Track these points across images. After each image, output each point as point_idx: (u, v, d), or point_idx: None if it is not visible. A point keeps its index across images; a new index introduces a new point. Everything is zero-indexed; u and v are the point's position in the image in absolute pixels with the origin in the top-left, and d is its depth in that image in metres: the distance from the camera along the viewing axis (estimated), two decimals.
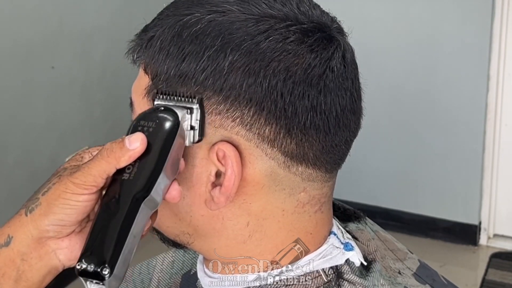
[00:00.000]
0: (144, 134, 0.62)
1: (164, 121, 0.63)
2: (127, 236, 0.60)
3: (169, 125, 0.62)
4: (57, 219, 0.63)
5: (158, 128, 0.63)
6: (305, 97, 0.62)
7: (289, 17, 0.63)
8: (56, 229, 0.63)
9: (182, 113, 0.63)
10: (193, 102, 0.63)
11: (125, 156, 0.61)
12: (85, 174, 0.62)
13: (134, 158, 0.62)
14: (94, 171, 0.61)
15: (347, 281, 0.68)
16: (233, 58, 0.61)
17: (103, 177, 0.62)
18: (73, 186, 0.62)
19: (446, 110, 2.75)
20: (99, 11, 2.58)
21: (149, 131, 0.63)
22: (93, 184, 0.61)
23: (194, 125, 0.63)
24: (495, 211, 2.87)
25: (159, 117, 0.63)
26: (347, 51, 0.66)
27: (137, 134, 0.62)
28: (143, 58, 0.66)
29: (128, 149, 0.61)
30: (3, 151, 2.26)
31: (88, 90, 2.58)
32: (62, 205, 0.62)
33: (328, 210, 0.71)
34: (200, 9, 0.64)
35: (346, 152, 0.69)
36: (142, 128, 0.63)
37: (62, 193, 0.62)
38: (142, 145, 0.61)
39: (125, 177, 0.62)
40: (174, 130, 0.62)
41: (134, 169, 0.62)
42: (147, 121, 0.63)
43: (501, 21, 2.62)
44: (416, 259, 0.79)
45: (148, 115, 0.63)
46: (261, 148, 0.63)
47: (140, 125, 0.63)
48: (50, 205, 0.63)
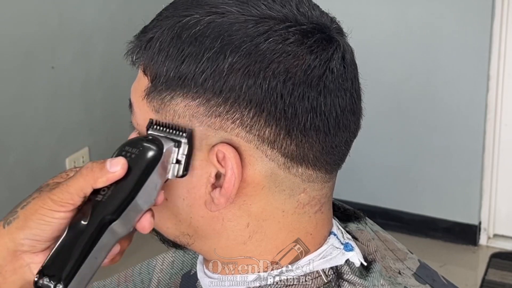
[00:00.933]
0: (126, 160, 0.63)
1: (147, 150, 0.63)
2: (87, 257, 0.61)
3: (151, 155, 0.63)
4: (32, 234, 0.63)
5: (140, 156, 0.63)
6: (305, 98, 0.62)
7: (289, 18, 0.63)
8: (31, 243, 0.64)
9: (168, 145, 0.63)
10: (181, 136, 0.63)
11: (103, 178, 0.62)
12: (63, 191, 0.62)
13: (111, 181, 0.62)
14: (71, 189, 0.62)
15: (347, 281, 0.68)
16: (233, 59, 0.61)
17: (80, 196, 0.62)
18: (50, 203, 0.62)
19: (446, 110, 2.75)
20: (99, 11, 2.58)
21: (131, 157, 0.63)
22: (70, 201, 0.62)
23: (180, 159, 0.64)
24: (495, 211, 2.87)
25: (144, 145, 0.64)
26: (347, 52, 0.66)
27: (119, 158, 0.63)
28: (142, 60, 0.66)
29: (108, 171, 0.62)
30: (3, 151, 2.26)
31: (88, 90, 2.58)
32: (38, 220, 0.63)
33: (328, 211, 0.71)
34: (199, 10, 0.64)
35: (346, 153, 0.69)
36: (125, 154, 0.64)
37: (39, 209, 0.63)
38: (122, 169, 0.62)
39: (99, 198, 0.63)
40: (155, 160, 0.63)
41: (109, 192, 0.63)
42: (132, 147, 0.64)
43: (501, 21, 2.62)
44: (416, 259, 0.79)
45: (134, 142, 0.64)
46: (261, 150, 0.63)
47: (124, 150, 0.64)
48: (26, 219, 0.63)
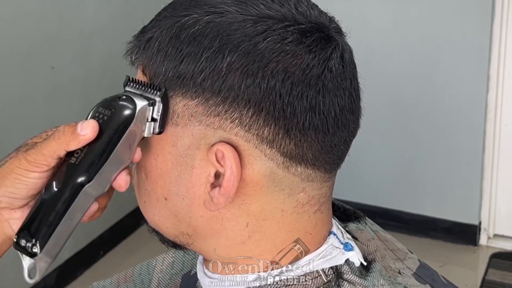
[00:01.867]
0: (98, 122, 0.63)
1: (120, 111, 0.63)
2: (62, 219, 0.63)
3: (123, 116, 0.63)
4: (9, 192, 0.66)
5: (112, 117, 0.64)
6: (304, 97, 0.62)
7: (287, 17, 0.63)
8: (8, 200, 0.67)
9: (142, 104, 0.63)
10: (155, 95, 0.63)
11: (75, 141, 0.63)
12: (37, 153, 0.64)
13: (83, 144, 0.63)
14: (45, 151, 0.64)
15: (347, 281, 0.68)
16: (231, 59, 0.61)
17: (54, 157, 0.64)
18: (25, 163, 0.65)
19: (446, 110, 2.75)
20: (99, 11, 2.58)
21: (103, 119, 0.64)
22: (44, 163, 0.64)
23: (155, 117, 0.64)
24: (495, 211, 2.87)
25: (116, 106, 0.64)
26: (346, 51, 0.66)
27: (90, 121, 0.64)
28: (141, 60, 0.66)
29: (79, 134, 0.63)
30: (3, 151, 2.25)
31: (88, 90, 2.58)
32: (13, 180, 0.66)
33: (327, 210, 0.71)
34: (198, 10, 0.64)
35: (345, 152, 0.69)
36: (98, 115, 0.64)
37: (15, 168, 0.66)
38: (93, 132, 0.63)
39: (72, 161, 0.64)
40: (127, 121, 0.63)
41: (82, 154, 0.64)
42: (105, 108, 0.64)
43: (501, 21, 2.62)
44: (416, 259, 0.79)
45: (107, 103, 0.64)
46: (260, 149, 0.63)
47: (98, 111, 0.64)
48: (3, 178, 0.66)
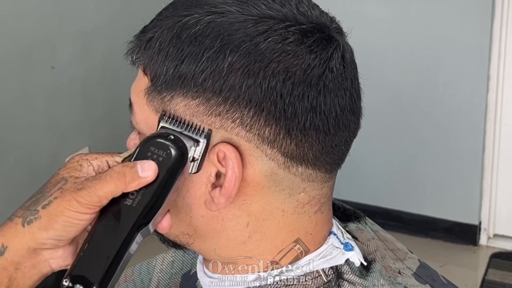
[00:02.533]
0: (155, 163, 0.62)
1: (174, 153, 0.63)
2: (120, 262, 0.61)
3: (178, 158, 0.63)
4: (57, 235, 0.63)
5: (168, 160, 0.62)
6: (305, 97, 0.62)
7: (288, 17, 0.63)
8: (54, 243, 0.63)
9: (189, 145, 0.63)
10: (201, 136, 0.63)
11: (135, 182, 0.62)
12: (91, 194, 0.61)
13: (142, 186, 0.62)
14: (100, 192, 0.61)
15: (347, 281, 0.68)
16: (232, 59, 0.61)
17: (109, 199, 0.62)
18: (77, 205, 0.61)
19: (446, 110, 2.75)
20: (99, 11, 2.58)
21: (158, 160, 0.63)
22: (98, 204, 0.62)
23: (196, 157, 0.64)
24: (495, 211, 2.87)
25: (170, 147, 0.63)
26: (346, 51, 0.66)
27: (150, 162, 0.62)
28: (142, 59, 0.66)
29: (139, 176, 0.62)
30: (3, 151, 2.26)
31: (88, 90, 2.58)
32: (63, 222, 0.62)
33: (328, 210, 0.71)
34: (199, 10, 0.64)
35: (345, 152, 0.69)
36: (152, 156, 0.63)
37: (65, 210, 0.62)
38: (154, 174, 0.62)
39: (128, 203, 0.62)
40: (181, 163, 0.63)
41: (138, 196, 0.62)
42: (157, 148, 0.63)
43: (501, 21, 2.62)
44: (416, 259, 0.79)
45: (159, 143, 0.63)
46: (261, 149, 0.63)
47: (150, 151, 0.63)
48: (51, 220, 0.62)
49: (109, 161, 0.67)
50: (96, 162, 0.66)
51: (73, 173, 0.65)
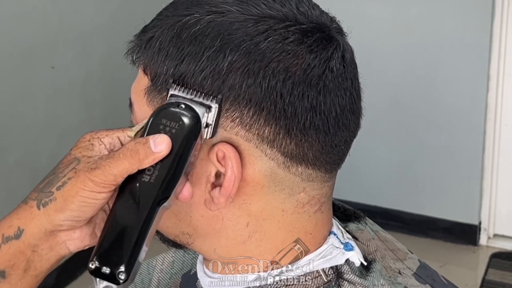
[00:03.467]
0: (168, 136, 0.61)
1: (187, 123, 0.61)
2: (144, 240, 0.60)
3: (191, 127, 0.61)
4: (73, 216, 0.62)
5: (181, 130, 0.61)
6: (305, 97, 0.62)
7: (288, 17, 0.63)
8: (70, 224, 0.63)
9: (202, 112, 0.62)
10: (212, 101, 0.62)
11: (149, 159, 0.61)
12: (106, 173, 0.61)
13: (157, 161, 0.61)
14: (115, 171, 0.61)
15: (347, 281, 0.68)
16: (232, 58, 0.61)
17: (124, 177, 0.61)
18: (92, 184, 0.61)
19: (446, 110, 2.75)
20: (99, 11, 2.58)
21: (171, 132, 0.61)
22: (113, 183, 0.61)
23: (210, 122, 0.62)
24: (495, 211, 2.87)
25: (182, 117, 0.61)
26: (347, 51, 0.66)
27: (162, 136, 0.61)
28: (142, 59, 0.66)
29: (153, 152, 0.61)
30: (3, 151, 2.26)
31: (88, 90, 2.58)
32: (79, 203, 0.62)
33: (328, 210, 0.71)
34: (199, 10, 0.64)
35: (345, 152, 0.69)
36: (164, 128, 0.62)
37: (80, 191, 0.61)
38: (167, 148, 0.61)
39: (145, 179, 0.61)
40: (196, 133, 0.61)
41: (155, 171, 0.61)
42: (169, 120, 0.62)
43: (501, 21, 2.62)
44: (416, 259, 0.79)
45: (170, 114, 0.62)
46: (261, 149, 0.63)
47: (162, 123, 0.62)
48: (66, 201, 0.62)
49: (121, 137, 0.66)
50: (108, 140, 0.65)
51: (85, 153, 0.64)
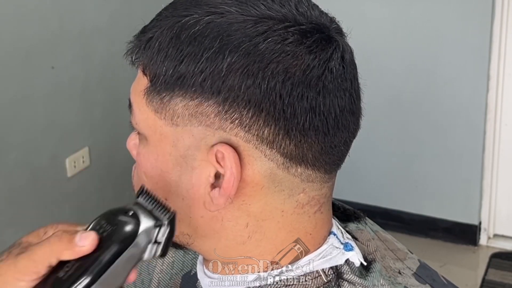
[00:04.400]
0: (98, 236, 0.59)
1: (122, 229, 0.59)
2: None
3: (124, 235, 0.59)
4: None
5: (113, 234, 0.59)
6: (304, 98, 0.62)
7: (288, 18, 0.63)
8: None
9: (147, 225, 0.59)
10: (165, 216, 0.60)
11: (70, 251, 0.59)
12: (28, 259, 0.59)
13: (78, 256, 0.59)
14: (36, 257, 0.59)
15: (347, 281, 0.68)
16: (232, 59, 0.61)
17: (45, 265, 0.59)
18: (14, 269, 0.60)
19: (446, 110, 2.75)
20: (99, 11, 2.58)
21: (103, 234, 0.59)
22: (34, 270, 0.59)
23: (159, 240, 0.60)
24: (495, 211, 2.87)
25: (119, 222, 0.59)
26: (346, 52, 0.66)
27: (90, 233, 0.60)
28: (141, 60, 0.65)
29: (75, 245, 0.59)
30: (3, 151, 2.26)
31: (88, 90, 2.58)
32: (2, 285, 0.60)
33: (327, 211, 0.71)
34: (199, 10, 0.64)
35: (345, 153, 0.68)
36: (99, 229, 0.60)
37: (3, 274, 0.60)
38: (91, 246, 0.59)
39: (60, 275, 0.59)
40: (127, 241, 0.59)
41: (72, 269, 0.58)
42: (107, 222, 0.60)
43: (501, 21, 2.62)
44: (416, 259, 0.79)
45: (111, 217, 0.60)
46: (260, 150, 0.63)
47: (99, 224, 0.60)
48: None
49: None
50: None
51: (30, 239, 0.64)
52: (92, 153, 2.62)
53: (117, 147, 2.62)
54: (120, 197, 2.72)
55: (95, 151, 2.63)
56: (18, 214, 2.25)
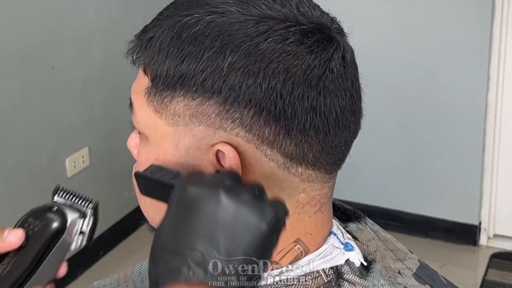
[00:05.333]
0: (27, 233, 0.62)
1: (50, 224, 0.62)
2: None
3: (53, 230, 0.62)
4: None
5: (42, 230, 0.62)
6: (305, 98, 0.62)
7: (289, 18, 0.63)
8: None
9: (73, 217, 0.63)
10: (87, 207, 0.63)
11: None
12: None
13: (5, 251, 0.62)
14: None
15: (347, 281, 0.68)
16: (233, 59, 0.61)
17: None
18: None
19: (446, 110, 2.75)
20: (99, 11, 2.58)
21: (33, 230, 0.62)
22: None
23: (84, 231, 0.63)
24: (495, 211, 2.87)
25: (47, 218, 0.63)
26: (347, 52, 0.66)
27: (17, 230, 0.63)
28: (142, 59, 0.65)
29: (4, 240, 0.62)
30: (3, 151, 2.26)
31: (88, 90, 2.58)
32: None
33: (328, 211, 0.71)
34: (200, 10, 0.64)
35: (345, 153, 0.68)
36: (28, 226, 0.63)
37: None
38: (18, 241, 0.62)
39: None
40: (57, 235, 0.62)
41: (8, 266, 0.62)
42: (36, 219, 0.63)
43: (501, 21, 2.62)
44: (416, 259, 0.79)
45: (39, 213, 0.63)
46: (261, 149, 0.63)
47: (27, 221, 0.63)
48: None
49: None
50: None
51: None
52: (92, 153, 2.62)
53: (117, 147, 2.62)
54: (120, 197, 2.72)
55: (95, 151, 2.63)
56: (18, 214, 2.25)
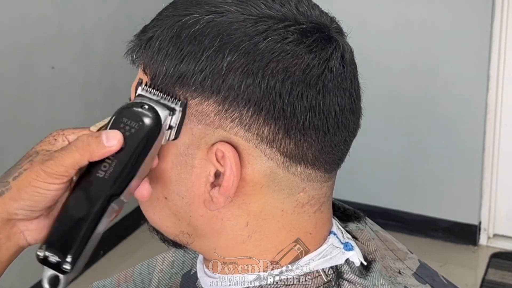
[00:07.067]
0: (125, 134, 0.63)
1: (147, 124, 0.63)
2: (93, 234, 0.62)
3: (151, 128, 0.63)
4: (27, 205, 0.64)
5: (140, 130, 0.63)
6: (304, 97, 0.62)
7: (288, 17, 0.63)
8: (25, 213, 0.64)
9: (164, 114, 0.63)
10: (176, 104, 0.63)
11: (99, 152, 0.62)
12: (57, 164, 0.62)
13: (107, 155, 0.62)
14: (66, 162, 0.62)
15: (347, 281, 0.68)
16: (232, 58, 0.61)
17: (75, 168, 0.63)
18: (44, 175, 0.62)
19: (446, 110, 2.75)
20: (99, 11, 2.58)
21: (130, 131, 0.63)
22: (65, 174, 0.62)
23: (173, 125, 0.64)
24: (495, 211, 2.87)
25: (142, 118, 0.63)
26: (346, 51, 0.66)
27: (115, 132, 0.63)
28: (142, 59, 0.66)
29: (104, 146, 0.62)
30: (3, 151, 2.26)
31: (88, 90, 2.58)
32: (31, 193, 0.63)
33: (327, 210, 0.71)
34: (199, 10, 0.64)
35: (345, 152, 0.69)
36: (124, 127, 0.63)
37: (32, 181, 0.63)
38: (119, 144, 0.62)
39: (100, 175, 0.62)
40: (155, 134, 0.63)
41: (110, 168, 0.62)
42: (130, 119, 0.63)
43: (501, 21, 2.62)
44: (416, 259, 0.79)
45: (132, 113, 0.63)
46: (260, 149, 0.63)
47: (122, 122, 0.63)
48: (20, 191, 0.63)
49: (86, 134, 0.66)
50: (73, 137, 0.66)
51: (45, 147, 0.66)
52: None
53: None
54: None
55: None
56: None
